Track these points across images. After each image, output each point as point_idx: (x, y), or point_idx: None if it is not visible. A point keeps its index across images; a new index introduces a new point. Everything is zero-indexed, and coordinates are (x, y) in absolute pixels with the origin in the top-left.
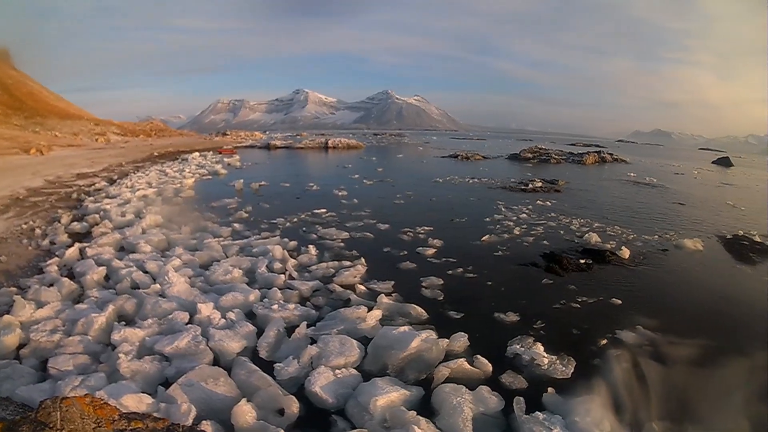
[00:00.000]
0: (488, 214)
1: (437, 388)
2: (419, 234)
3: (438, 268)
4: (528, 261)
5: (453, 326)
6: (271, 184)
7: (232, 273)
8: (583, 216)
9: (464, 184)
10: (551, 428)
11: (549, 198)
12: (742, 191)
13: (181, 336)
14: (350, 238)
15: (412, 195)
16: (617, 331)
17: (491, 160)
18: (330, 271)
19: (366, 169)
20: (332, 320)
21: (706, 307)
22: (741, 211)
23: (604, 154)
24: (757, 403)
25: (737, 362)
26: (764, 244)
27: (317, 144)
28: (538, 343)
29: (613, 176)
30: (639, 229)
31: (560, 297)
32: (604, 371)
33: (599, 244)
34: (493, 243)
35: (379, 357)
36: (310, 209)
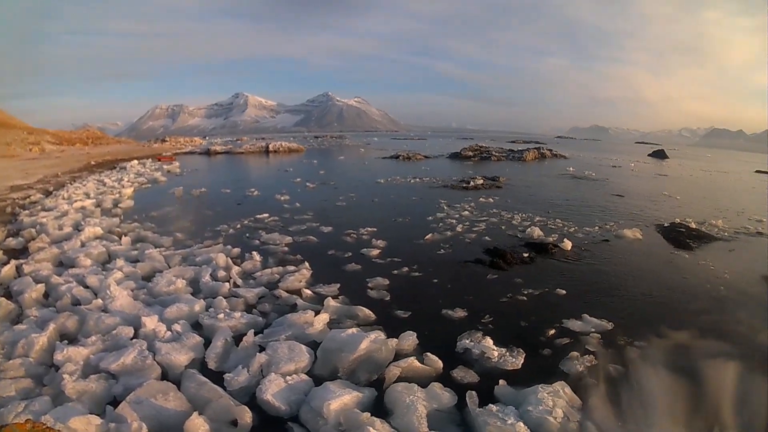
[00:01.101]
0: (431, 212)
1: (389, 387)
2: (363, 235)
3: (383, 268)
4: (472, 257)
5: (401, 325)
6: (212, 190)
7: (176, 283)
8: (525, 211)
9: (406, 184)
10: (505, 419)
11: (491, 195)
12: (678, 181)
13: (127, 352)
14: (294, 243)
15: (355, 197)
16: (564, 320)
17: (432, 160)
18: (275, 277)
19: (307, 172)
20: (280, 326)
21: (648, 292)
22: (677, 200)
23: (544, 150)
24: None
25: (677, 343)
26: (700, 231)
27: (258, 148)
28: (487, 336)
29: (553, 171)
30: (580, 221)
31: (506, 291)
32: (554, 360)
33: (542, 237)
34: (436, 241)
35: (329, 360)
36: (252, 215)
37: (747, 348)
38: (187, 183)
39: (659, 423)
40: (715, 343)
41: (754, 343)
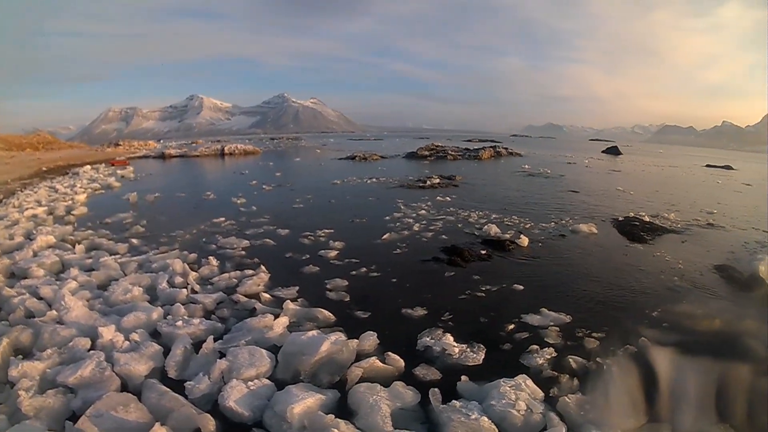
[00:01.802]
0: (388, 212)
1: (352, 388)
2: (320, 237)
3: (341, 269)
4: (430, 255)
5: (361, 326)
6: (167, 195)
7: (132, 291)
8: (482, 209)
9: (363, 184)
10: (469, 415)
11: (447, 193)
12: (631, 177)
13: (85, 364)
14: (251, 246)
15: (312, 198)
16: (522, 315)
17: (389, 160)
18: (233, 282)
19: (264, 174)
20: (239, 331)
21: (605, 285)
22: (630, 195)
23: (500, 149)
24: (652, 370)
25: (634, 333)
26: (653, 224)
27: (213, 151)
28: (448, 333)
29: (508, 169)
30: (536, 217)
31: (465, 288)
32: (514, 354)
33: (498, 234)
34: (394, 241)
35: (290, 364)
36: (208, 219)
37: (700, 336)
38: (141, 188)
39: (621, 411)
40: (670, 333)
41: (708, 331)
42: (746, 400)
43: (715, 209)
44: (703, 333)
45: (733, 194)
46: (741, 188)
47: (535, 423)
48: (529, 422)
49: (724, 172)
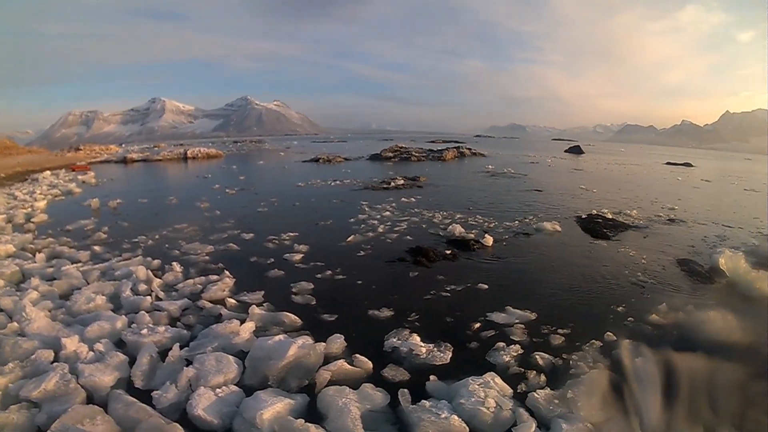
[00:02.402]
0: (353, 214)
1: (321, 392)
2: (285, 240)
3: (307, 272)
4: (395, 257)
5: (328, 329)
6: (130, 200)
7: (96, 300)
8: (446, 209)
9: (327, 186)
10: (439, 414)
11: (411, 194)
12: (594, 175)
13: (48, 377)
14: (215, 251)
15: (276, 201)
16: (488, 313)
17: (353, 162)
18: (198, 288)
19: (227, 178)
20: (205, 338)
21: (570, 281)
22: (593, 193)
23: (463, 149)
24: (619, 363)
25: (600, 328)
26: (616, 220)
27: (176, 155)
28: (414, 334)
29: (472, 169)
30: (500, 216)
31: (430, 288)
32: (481, 352)
33: (463, 234)
34: (359, 242)
35: (258, 369)
36: (171, 224)
37: (665, 330)
38: (103, 194)
39: (589, 404)
40: (635, 327)
41: (672, 325)
42: (708, 390)
43: (675, 205)
44: (667, 326)
45: (693, 190)
46: (700, 184)
47: (505, 419)
48: (498, 419)
49: (683, 169)
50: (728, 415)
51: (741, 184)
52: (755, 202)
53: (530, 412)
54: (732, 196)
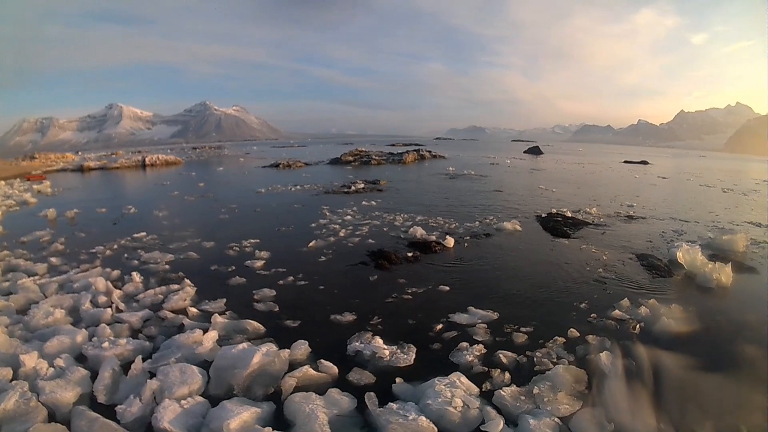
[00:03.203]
0: (314, 219)
1: (287, 399)
2: (246, 247)
3: (269, 279)
4: (357, 260)
5: (292, 335)
6: (87, 210)
7: (54, 314)
8: (407, 211)
9: (288, 192)
10: (406, 416)
11: (372, 198)
12: (553, 175)
13: (7, 396)
14: (175, 260)
15: (236, 208)
16: (450, 314)
17: (313, 166)
18: (159, 298)
19: (186, 185)
20: (168, 349)
21: (531, 280)
22: (553, 192)
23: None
24: (585, 358)
25: (563, 326)
26: (576, 219)
27: (134, 162)
28: (377, 336)
29: (433, 172)
30: (461, 217)
31: (392, 291)
32: (444, 353)
33: (424, 236)
34: (321, 247)
35: (222, 379)
36: (129, 234)
37: (627, 324)
38: (59, 203)
39: (555, 399)
40: (599, 321)
41: (634, 318)
42: (672, 381)
43: (634, 202)
44: (629, 321)
45: (650, 187)
46: (657, 181)
47: (473, 418)
48: (466, 418)
49: (641, 167)
50: (693, 405)
51: (696, 181)
52: (710, 197)
53: (497, 409)
54: (688, 192)
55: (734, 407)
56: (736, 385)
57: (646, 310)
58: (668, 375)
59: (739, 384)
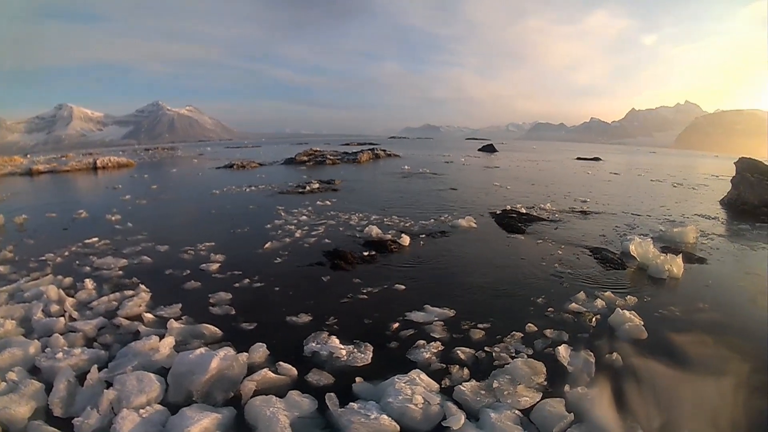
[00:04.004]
0: (269, 220)
1: (248, 403)
2: (201, 250)
3: (224, 282)
4: (313, 261)
5: (249, 338)
6: (36, 215)
7: (4, 325)
8: (362, 211)
9: (242, 193)
10: (368, 415)
11: (327, 198)
12: (507, 172)
13: None
14: (129, 265)
15: (190, 210)
16: (407, 313)
17: (267, 167)
18: (113, 305)
19: (139, 188)
20: (124, 357)
21: (488, 276)
22: (507, 189)
23: (378, 151)
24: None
25: (520, 320)
26: (530, 215)
27: (85, 165)
28: (333, 336)
29: (388, 171)
30: (416, 216)
31: (348, 290)
32: (402, 351)
33: (380, 235)
34: (276, 249)
35: (181, 385)
36: (81, 239)
37: (583, 317)
38: (7, 209)
39: (515, 392)
40: (556, 315)
41: (591, 311)
42: (629, 371)
43: (587, 198)
44: (586, 314)
45: (603, 183)
46: (609, 177)
47: (434, 414)
48: (428, 414)
49: (593, 163)
50: (650, 393)
51: (647, 176)
52: (661, 192)
53: (458, 404)
54: (639, 187)
55: (689, 395)
56: (691, 373)
57: (602, 302)
58: (625, 365)
59: (693, 372)
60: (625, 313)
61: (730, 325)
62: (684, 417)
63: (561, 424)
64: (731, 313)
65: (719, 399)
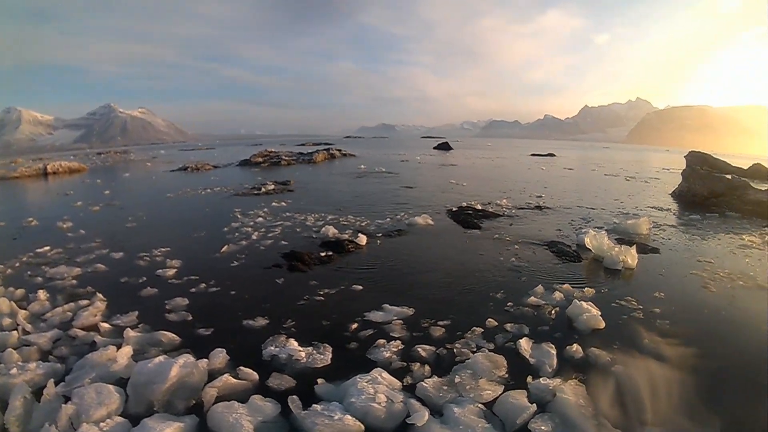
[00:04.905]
0: (225, 223)
1: (210, 410)
2: (157, 256)
3: (181, 288)
4: (270, 263)
5: (208, 344)
6: None
7: None
8: (318, 211)
9: (198, 196)
10: (332, 416)
11: (283, 198)
12: (462, 170)
13: None
14: (83, 274)
15: (145, 215)
16: (366, 313)
17: (222, 169)
18: (68, 316)
19: (91, 193)
20: (82, 370)
21: (446, 273)
22: (463, 186)
23: (333, 151)
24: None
25: (480, 316)
26: (486, 211)
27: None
28: (291, 339)
29: (343, 170)
30: (372, 215)
31: (305, 292)
32: (362, 351)
33: (337, 235)
34: (233, 252)
35: (141, 396)
36: (32, 249)
37: (544, 309)
38: None
39: (477, 386)
40: (516, 309)
41: (549, 303)
42: (590, 360)
43: (542, 193)
44: (545, 306)
45: (558, 178)
46: (564, 173)
47: (398, 411)
48: (391, 412)
49: (548, 159)
50: (610, 381)
51: (601, 171)
52: (614, 185)
53: (421, 401)
54: (593, 181)
55: (648, 382)
56: (649, 360)
57: (560, 294)
58: (586, 355)
59: (651, 358)
60: (583, 304)
61: (685, 312)
62: (643, 402)
63: (524, 416)
64: (685, 300)
65: (677, 384)
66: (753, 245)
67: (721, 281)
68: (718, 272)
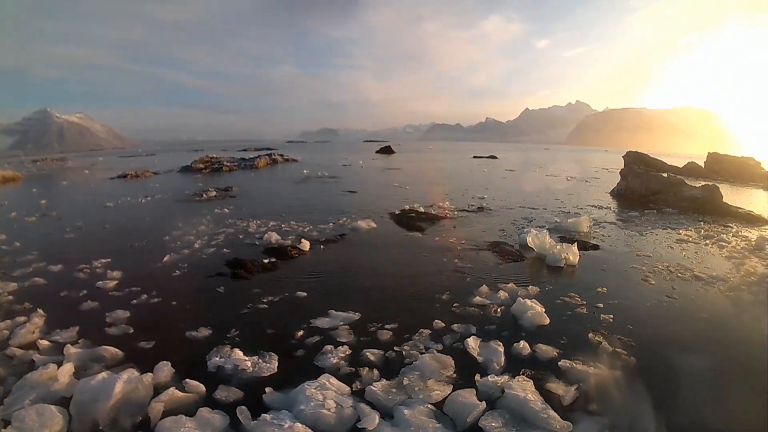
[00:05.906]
0: (167, 231)
1: (157, 425)
2: (97, 268)
3: (122, 300)
4: (213, 272)
5: (152, 357)
6: None
7: None
8: (261, 217)
9: (138, 204)
10: (282, 425)
11: (225, 205)
12: (405, 173)
13: None
14: (19, 289)
15: (83, 226)
16: (311, 319)
17: (163, 175)
18: (4, 334)
19: (26, 203)
20: (21, 390)
21: (391, 276)
22: (405, 189)
23: (275, 156)
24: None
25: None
26: (429, 213)
27: None
28: (236, 349)
29: (286, 176)
30: (315, 220)
31: (248, 300)
32: (309, 358)
33: (279, 241)
34: (175, 261)
35: (85, 414)
36: None
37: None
38: None
39: (426, 387)
40: (462, 309)
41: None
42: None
43: (484, 194)
44: (490, 305)
45: (499, 180)
46: (505, 174)
47: (348, 416)
48: (341, 417)
49: (489, 161)
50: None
51: (542, 171)
52: (555, 186)
53: (371, 405)
54: (535, 182)
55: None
56: (593, 354)
57: (505, 293)
58: (532, 350)
59: (595, 352)
60: (528, 302)
61: (626, 304)
62: (590, 395)
63: (474, 413)
64: (626, 293)
65: (623, 375)
66: (689, 239)
67: (660, 274)
68: (657, 265)
